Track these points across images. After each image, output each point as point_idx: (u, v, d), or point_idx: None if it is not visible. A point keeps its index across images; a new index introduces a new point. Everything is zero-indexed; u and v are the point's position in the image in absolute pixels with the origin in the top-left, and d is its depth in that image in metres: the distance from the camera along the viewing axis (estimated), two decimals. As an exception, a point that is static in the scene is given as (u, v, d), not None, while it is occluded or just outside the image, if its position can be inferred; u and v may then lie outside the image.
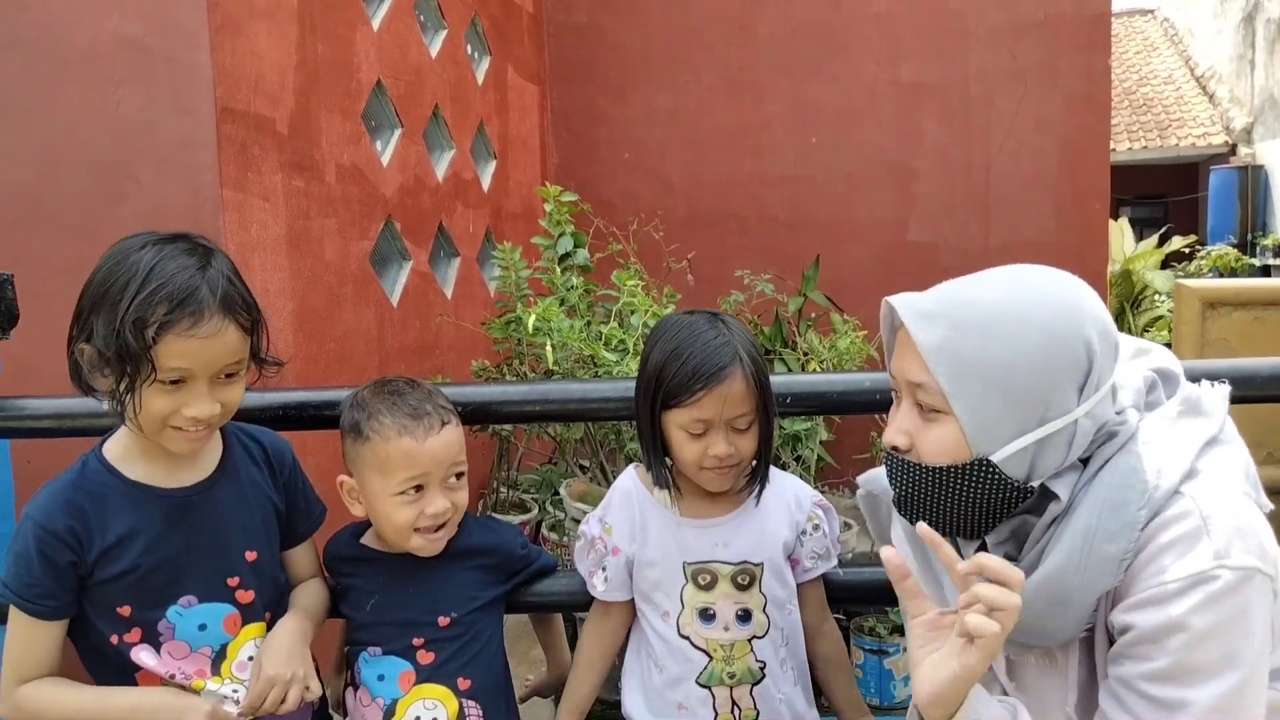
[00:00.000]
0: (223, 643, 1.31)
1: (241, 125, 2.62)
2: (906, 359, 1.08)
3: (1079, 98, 4.52)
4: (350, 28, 3.19)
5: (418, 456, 1.36)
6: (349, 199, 3.18)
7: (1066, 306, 1.03)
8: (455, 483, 1.42)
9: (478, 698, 1.44)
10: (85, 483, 1.29)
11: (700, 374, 1.33)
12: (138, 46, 2.53)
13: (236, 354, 1.26)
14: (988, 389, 1.00)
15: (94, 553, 1.25)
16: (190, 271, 1.21)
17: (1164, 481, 1.00)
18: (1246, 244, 11.96)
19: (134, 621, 1.28)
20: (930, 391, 1.04)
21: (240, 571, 1.33)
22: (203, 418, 1.23)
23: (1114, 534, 0.99)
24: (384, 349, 3.38)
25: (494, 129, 4.39)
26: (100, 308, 1.20)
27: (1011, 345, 1.00)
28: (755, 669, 1.44)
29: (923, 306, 1.05)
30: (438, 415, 1.40)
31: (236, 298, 1.25)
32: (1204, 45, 14.36)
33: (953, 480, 1.04)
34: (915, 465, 1.07)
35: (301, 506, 1.46)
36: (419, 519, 1.38)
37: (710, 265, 4.21)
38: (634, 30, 4.88)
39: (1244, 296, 2.16)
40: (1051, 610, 1.03)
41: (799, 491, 1.51)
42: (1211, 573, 0.94)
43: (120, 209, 2.56)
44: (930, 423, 1.06)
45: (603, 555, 1.49)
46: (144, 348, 1.16)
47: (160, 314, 1.16)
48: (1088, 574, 1.00)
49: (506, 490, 3.92)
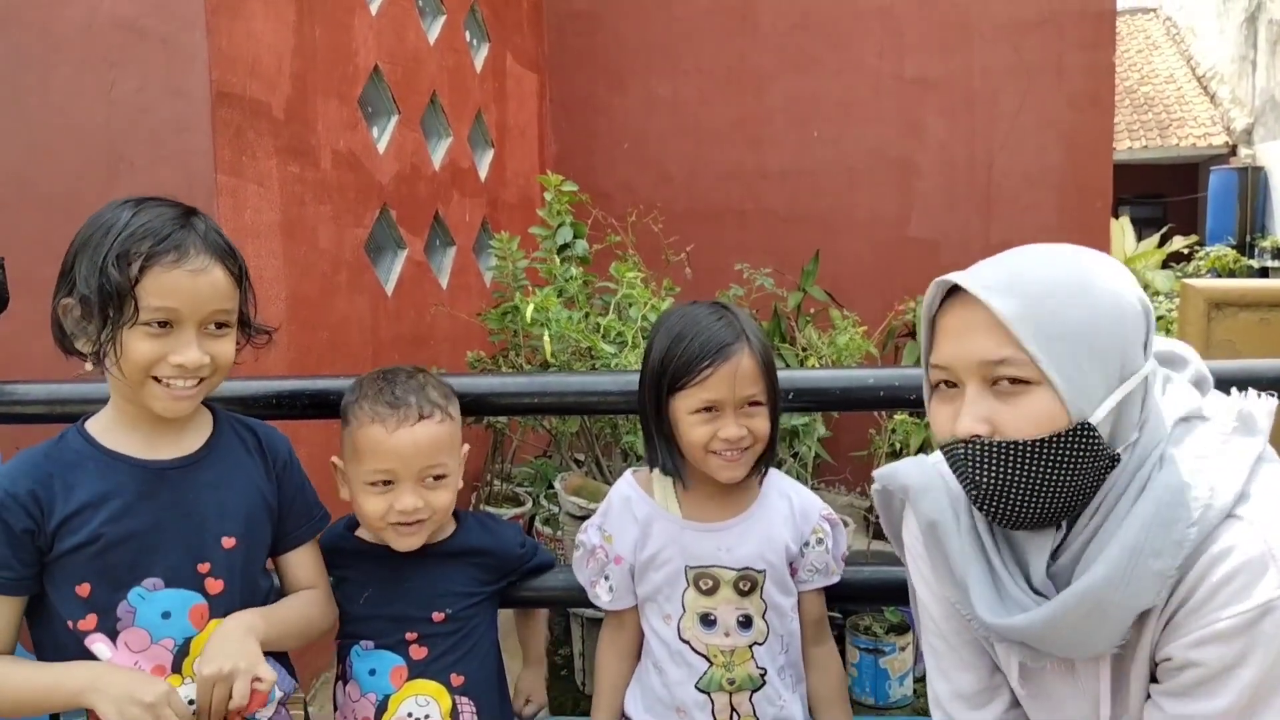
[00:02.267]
0: (187, 636, 1.21)
1: (237, 109, 2.59)
2: (973, 339, 1.02)
3: (1082, 95, 4.50)
4: (348, 12, 3.15)
5: (385, 448, 1.32)
6: (344, 186, 3.15)
7: (1112, 270, 1.04)
8: (433, 482, 1.36)
9: (471, 694, 1.42)
10: (58, 451, 1.23)
11: (706, 352, 1.31)
12: (133, 28, 2.49)
13: (225, 299, 1.20)
14: (1076, 351, 0.98)
15: (54, 520, 1.17)
16: (171, 217, 1.19)
17: (1217, 501, 0.97)
18: (1245, 245, 11.96)
19: (92, 604, 1.19)
20: (1016, 364, 0.99)
21: (212, 557, 1.23)
22: (190, 365, 1.16)
23: (1160, 551, 0.97)
24: (378, 338, 3.35)
25: (492, 117, 4.36)
26: (83, 255, 1.16)
27: (1088, 308, 1.00)
28: (755, 676, 1.42)
29: (988, 281, 1.02)
30: (417, 408, 1.34)
31: (221, 243, 1.21)
32: (1206, 45, 14.34)
33: (1054, 451, 0.99)
34: (1008, 445, 1.00)
35: (298, 506, 1.37)
36: (389, 513, 1.34)
37: (709, 258, 4.18)
38: (634, 19, 4.84)
39: (1250, 297, 2.14)
40: (1086, 624, 1.01)
41: (807, 502, 1.47)
42: (1278, 601, 0.92)
43: (113, 192, 2.49)
44: (1014, 398, 1.01)
45: (604, 564, 1.46)
46: (128, 284, 1.12)
47: (145, 248, 1.14)
48: (1130, 589, 0.98)
49: (500, 483, 3.90)
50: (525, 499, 3.88)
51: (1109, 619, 0.99)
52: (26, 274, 1.93)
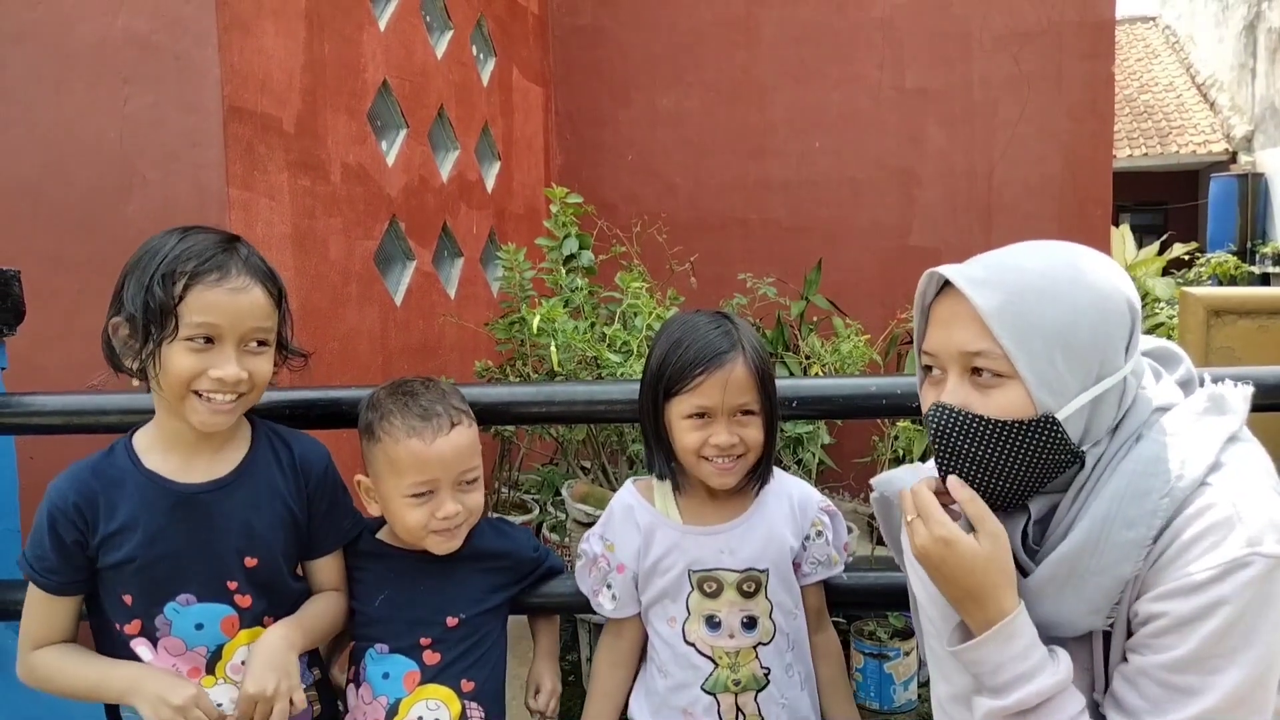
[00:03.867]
0: (219, 644, 1.31)
1: (248, 124, 2.62)
2: (956, 330, 1.07)
3: (1082, 104, 4.54)
4: (357, 28, 3.20)
5: (426, 459, 1.35)
6: (354, 198, 3.18)
7: (1105, 269, 1.06)
8: (468, 486, 1.41)
9: (480, 700, 1.44)
10: (105, 466, 1.31)
11: (700, 359, 1.34)
12: (146, 44, 2.53)
13: (264, 318, 1.27)
14: (1050, 348, 1.01)
15: (99, 536, 1.27)
16: (216, 241, 1.27)
17: (1188, 472, 1.01)
18: (1246, 252, 11.98)
19: (135, 612, 1.29)
20: (990, 357, 1.04)
21: (238, 577, 1.32)
22: (229, 379, 1.22)
23: (1133, 520, 1.00)
24: (387, 349, 3.38)
25: (498, 130, 4.40)
26: (131, 276, 1.24)
27: (1069, 306, 1.02)
28: (760, 675, 1.43)
29: (975, 274, 1.06)
30: (448, 416, 1.38)
31: (262, 266, 1.29)
32: (1205, 53, 14.38)
33: (1014, 435, 1.03)
34: (974, 416, 1.05)
35: (329, 519, 1.43)
36: (431, 521, 1.38)
37: (713, 268, 4.21)
38: (639, 33, 4.88)
39: (1249, 305, 2.17)
40: (1063, 594, 1.04)
41: (805, 496, 1.50)
42: (1245, 559, 0.95)
43: (126, 206, 2.56)
44: (988, 390, 1.05)
45: (606, 573, 1.48)
46: (172, 301, 1.20)
47: (190, 267, 1.21)
48: (1104, 558, 1.01)
49: (508, 490, 3.92)
50: (533, 506, 3.90)
51: (1086, 588, 1.03)
52: (41, 287, 1.97)
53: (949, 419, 1.07)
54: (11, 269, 1.76)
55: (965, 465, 1.07)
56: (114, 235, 2.53)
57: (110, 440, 1.37)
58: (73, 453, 1.39)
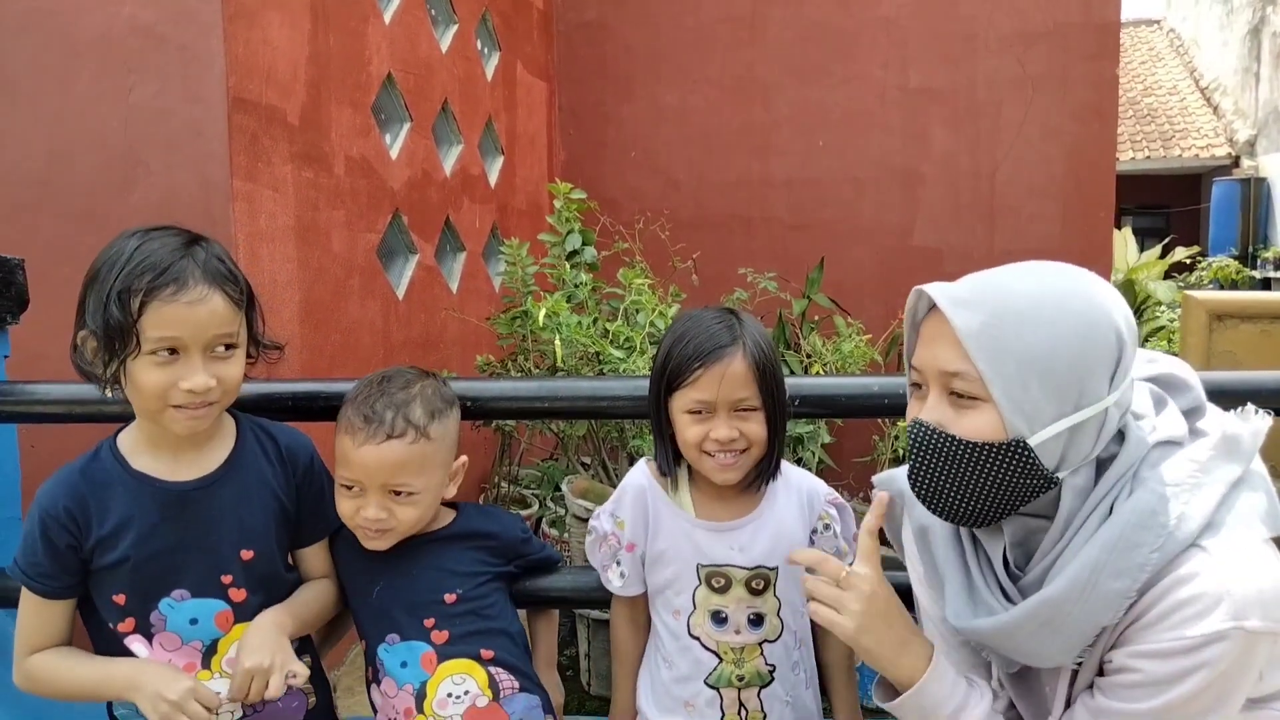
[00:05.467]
0: (214, 638, 1.32)
1: (252, 115, 2.62)
2: (939, 348, 1.07)
3: (1086, 106, 4.54)
4: (362, 20, 3.20)
5: (350, 459, 1.34)
6: (357, 191, 3.18)
7: (1098, 297, 1.05)
8: (398, 497, 1.37)
9: (505, 665, 1.43)
10: (93, 470, 1.31)
11: (700, 353, 1.34)
12: (151, 34, 2.53)
13: (226, 324, 1.25)
14: (1026, 374, 1.01)
15: (91, 539, 1.28)
16: (174, 247, 1.24)
17: (1182, 529, 1.00)
18: (1247, 256, 11.98)
19: (129, 610, 1.29)
20: (967, 379, 1.04)
21: (233, 570, 1.32)
22: (198, 389, 1.22)
23: (1121, 572, 1.00)
24: (389, 342, 3.39)
25: (502, 125, 4.40)
26: (91, 290, 1.23)
27: (1050, 332, 1.01)
28: (764, 672, 1.44)
29: (959, 294, 1.05)
30: (388, 426, 1.34)
31: (222, 269, 1.26)
32: (1209, 57, 14.37)
33: (985, 457, 1.04)
34: (948, 436, 1.06)
35: (317, 509, 1.43)
36: (355, 516, 1.38)
37: (715, 265, 4.22)
38: (643, 29, 4.88)
39: (1251, 309, 2.17)
40: (1041, 633, 1.04)
41: (812, 489, 1.49)
42: (1226, 633, 0.95)
43: (130, 196, 2.56)
44: (964, 410, 1.05)
45: (616, 550, 1.48)
46: (129, 319, 1.18)
47: (144, 283, 1.19)
48: (1088, 605, 1.01)
49: (508, 485, 3.92)
50: (532, 501, 3.91)
51: (1065, 631, 1.03)
52: (45, 276, 1.96)
53: (924, 436, 1.08)
54: (15, 257, 1.76)
55: (939, 481, 1.09)
56: (118, 225, 2.48)
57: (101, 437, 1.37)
58: (74, 442, 1.39)
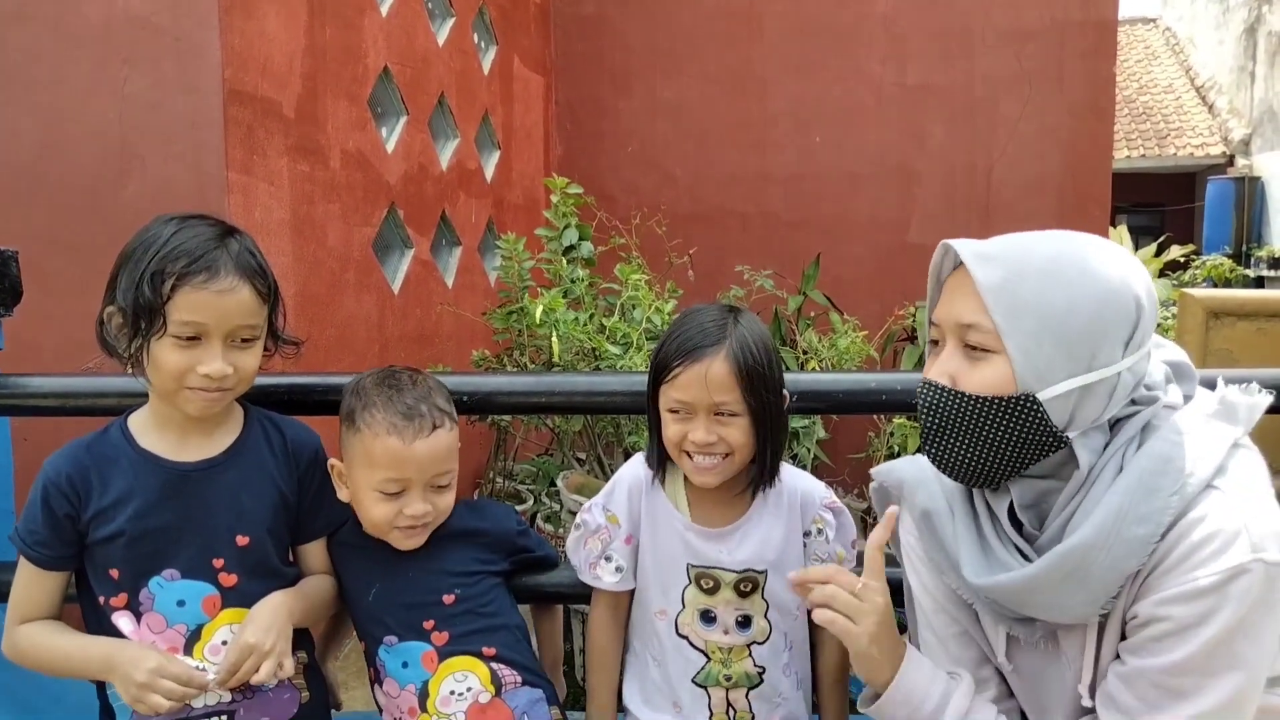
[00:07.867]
0: (199, 623, 1.31)
1: (248, 107, 2.61)
2: (958, 301, 1.09)
3: (1083, 103, 4.54)
4: (358, 13, 3.18)
5: (402, 458, 1.33)
6: (353, 185, 3.17)
7: (1121, 265, 1.07)
8: (440, 488, 1.38)
9: (508, 663, 1.42)
10: (100, 444, 1.33)
11: (682, 351, 1.32)
12: (146, 25, 2.51)
13: (251, 316, 1.29)
14: (1041, 330, 1.03)
15: (90, 510, 1.29)
16: (209, 237, 1.27)
17: (1198, 473, 1.02)
18: (1241, 255, 12.02)
19: (121, 585, 1.30)
20: (982, 330, 1.05)
21: (226, 554, 1.33)
22: (215, 375, 1.26)
23: (1144, 517, 1.01)
24: (384, 336, 3.38)
25: (498, 119, 4.39)
26: (125, 268, 1.26)
27: (1069, 293, 1.03)
28: (753, 673, 1.42)
29: (984, 250, 1.08)
30: (430, 417, 1.36)
31: (254, 264, 1.30)
32: (1205, 55, 14.40)
33: (994, 411, 1.05)
34: (957, 393, 1.08)
35: (319, 502, 1.43)
36: (398, 518, 1.36)
37: (711, 261, 4.21)
38: (640, 23, 4.87)
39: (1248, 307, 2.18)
40: (1068, 585, 1.05)
41: (808, 492, 1.46)
42: (1247, 565, 0.96)
43: (125, 188, 2.55)
44: (977, 362, 1.07)
45: (608, 544, 1.46)
46: (160, 300, 1.22)
47: (178, 267, 1.23)
48: (1113, 553, 1.02)
49: (503, 480, 3.92)
50: (527, 496, 3.90)
51: (1091, 580, 1.04)
52: (38, 268, 1.95)
53: (933, 395, 1.11)
54: (9, 249, 1.75)
55: (948, 438, 1.10)
56: (112, 217, 2.51)
57: (105, 423, 1.38)
58: (67, 435, 1.39)
